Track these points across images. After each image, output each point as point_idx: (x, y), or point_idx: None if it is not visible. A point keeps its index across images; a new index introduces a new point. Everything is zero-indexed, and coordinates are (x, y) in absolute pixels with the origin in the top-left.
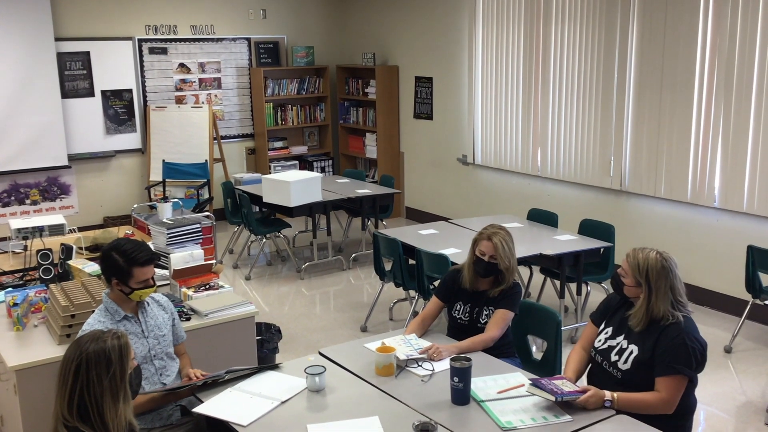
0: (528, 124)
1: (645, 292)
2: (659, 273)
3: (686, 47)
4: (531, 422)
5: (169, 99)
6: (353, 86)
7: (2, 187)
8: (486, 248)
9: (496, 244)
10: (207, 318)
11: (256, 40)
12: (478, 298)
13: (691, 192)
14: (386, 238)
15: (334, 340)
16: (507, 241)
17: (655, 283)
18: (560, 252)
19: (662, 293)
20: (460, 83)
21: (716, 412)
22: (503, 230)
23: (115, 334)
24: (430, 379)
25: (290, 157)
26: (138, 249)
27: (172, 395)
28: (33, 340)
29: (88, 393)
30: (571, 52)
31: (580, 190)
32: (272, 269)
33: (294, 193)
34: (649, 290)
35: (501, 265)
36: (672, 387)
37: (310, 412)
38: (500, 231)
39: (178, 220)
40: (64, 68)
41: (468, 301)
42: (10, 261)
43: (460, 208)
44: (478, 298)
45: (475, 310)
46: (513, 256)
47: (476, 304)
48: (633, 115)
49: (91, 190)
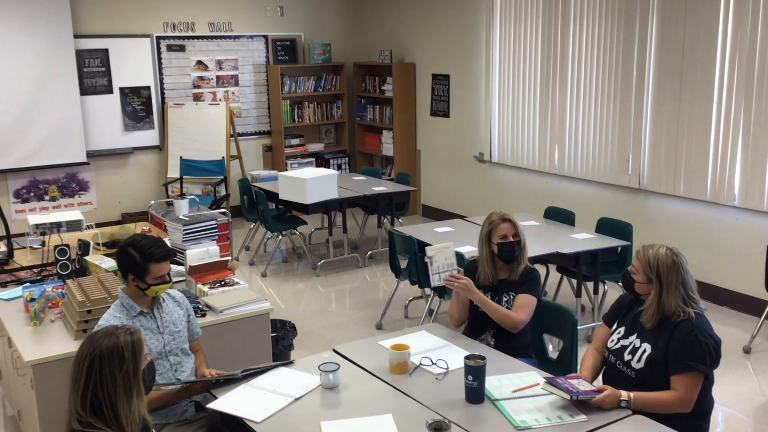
0: (545, 121)
1: (656, 287)
2: (670, 268)
3: (706, 43)
4: (546, 422)
5: (187, 96)
6: (370, 83)
7: (21, 183)
8: (507, 229)
9: (514, 222)
10: (222, 314)
11: (273, 38)
12: (498, 286)
13: (711, 190)
14: (402, 235)
15: (349, 337)
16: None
17: (666, 278)
18: (577, 251)
19: (673, 288)
20: (478, 81)
21: (734, 413)
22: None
23: (128, 330)
24: (444, 377)
25: (307, 155)
26: (154, 245)
27: (186, 391)
28: (50, 335)
29: (101, 389)
30: (589, 49)
31: (597, 188)
32: (288, 266)
33: (310, 190)
34: (660, 286)
35: (522, 240)
36: (688, 384)
37: (324, 409)
38: (505, 212)
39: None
40: (83, 65)
41: (487, 291)
42: (28, 256)
43: (476, 206)
44: (498, 287)
45: (495, 299)
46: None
47: (496, 292)
48: (652, 113)
49: (109, 186)
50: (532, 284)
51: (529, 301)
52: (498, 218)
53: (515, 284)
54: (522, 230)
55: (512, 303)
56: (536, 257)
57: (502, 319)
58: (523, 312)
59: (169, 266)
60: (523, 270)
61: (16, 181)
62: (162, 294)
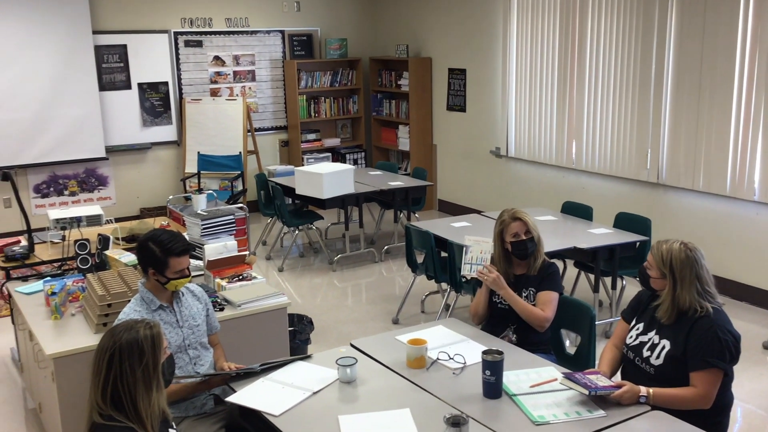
0: (563, 115)
1: (670, 282)
2: (683, 263)
3: (726, 37)
4: (564, 417)
5: (204, 91)
6: (386, 78)
7: (41, 178)
8: (518, 228)
9: (525, 220)
10: (240, 308)
11: (289, 33)
12: (516, 282)
13: (730, 185)
14: (418, 230)
15: (366, 332)
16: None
17: (680, 273)
18: (595, 246)
19: (687, 283)
20: (494, 75)
21: (754, 410)
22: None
23: (148, 324)
24: (461, 372)
25: (323, 150)
26: (174, 240)
27: (204, 384)
28: (70, 329)
29: (121, 383)
30: (607, 42)
31: (615, 183)
32: (305, 261)
33: (327, 185)
34: (674, 280)
35: (535, 236)
36: (707, 381)
37: (342, 403)
38: (516, 209)
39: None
40: (102, 61)
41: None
42: (48, 251)
43: (492, 201)
44: (516, 283)
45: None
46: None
47: (515, 288)
48: (671, 107)
49: (127, 181)
50: (552, 279)
51: (553, 297)
52: (509, 217)
53: (534, 280)
54: (534, 226)
55: (532, 298)
56: (553, 252)
57: (529, 317)
58: (548, 309)
59: (189, 260)
60: (542, 264)
61: (36, 176)
62: (181, 288)
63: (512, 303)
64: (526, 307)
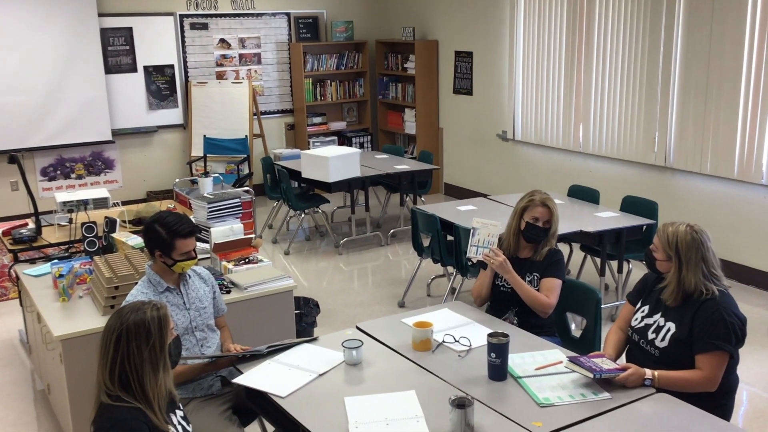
0: (570, 99)
1: (675, 264)
2: (689, 245)
3: (735, 19)
4: (569, 399)
5: (210, 74)
6: (392, 61)
7: (48, 162)
8: (541, 214)
9: (552, 210)
10: (246, 291)
11: (295, 15)
12: (521, 265)
13: (738, 168)
14: (424, 214)
15: (372, 315)
16: (556, 206)
17: (685, 255)
18: (601, 229)
19: (693, 265)
20: (501, 58)
21: (759, 393)
22: (549, 196)
23: (155, 306)
24: (467, 354)
25: (329, 133)
26: (180, 222)
27: (212, 365)
28: (78, 311)
29: (128, 363)
30: (615, 24)
31: (622, 167)
32: (311, 244)
33: (333, 168)
34: (680, 263)
35: (552, 229)
36: (713, 364)
37: (347, 385)
38: (549, 196)
39: (219, 195)
40: (107, 44)
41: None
42: (56, 233)
43: (499, 185)
44: (521, 265)
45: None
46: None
47: (519, 271)
48: (679, 90)
49: (134, 164)
50: (557, 266)
51: (556, 285)
52: (539, 200)
53: (539, 265)
54: (557, 220)
55: (536, 283)
56: (560, 236)
57: (534, 302)
58: (552, 295)
59: (195, 242)
60: (548, 251)
61: (42, 159)
62: (188, 271)
63: (517, 287)
64: (531, 292)
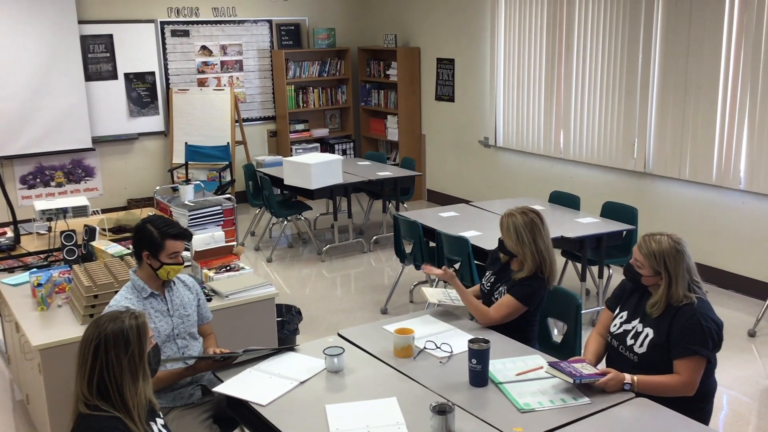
0: (550, 105)
1: (665, 280)
2: (676, 258)
3: (713, 26)
4: (549, 404)
5: (192, 81)
6: (375, 68)
7: (28, 169)
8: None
9: (501, 223)
10: (228, 299)
11: (277, 22)
12: (503, 273)
13: (716, 174)
14: (407, 220)
15: (355, 321)
16: (517, 224)
17: (674, 269)
18: (582, 235)
19: (681, 277)
20: (483, 65)
21: (739, 396)
22: (522, 212)
23: (133, 314)
24: (448, 360)
25: (311, 140)
26: (172, 224)
27: (190, 369)
28: (57, 320)
29: (107, 372)
30: (594, 32)
31: (602, 173)
32: (293, 251)
33: (315, 175)
34: (669, 278)
35: (507, 244)
36: (691, 368)
37: (329, 392)
38: (514, 213)
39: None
40: (88, 51)
41: (495, 273)
42: (34, 242)
43: (481, 191)
44: (503, 274)
45: (496, 284)
46: (526, 244)
47: (499, 278)
48: (657, 96)
49: (114, 172)
50: (523, 290)
51: (508, 302)
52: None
53: (510, 283)
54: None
55: (502, 295)
56: None
57: (473, 311)
58: (496, 310)
59: (183, 246)
60: (526, 276)
61: (22, 167)
62: (173, 278)
63: (461, 295)
64: (472, 301)
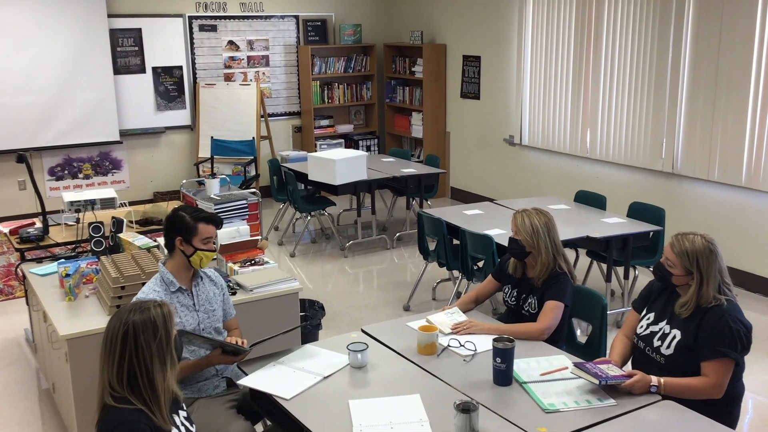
0: (577, 104)
1: (696, 279)
2: (709, 258)
3: (744, 25)
4: (574, 405)
5: (218, 76)
6: (400, 65)
7: (56, 161)
8: (512, 225)
9: (515, 219)
10: (252, 293)
11: (304, 18)
12: (525, 284)
13: (746, 176)
14: (431, 217)
15: (377, 318)
16: (533, 219)
17: (707, 270)
18: (608, 235)
19: (712, 278)
20: (509, 63)
21: (766, 401)
22: (537, 212)
23: (157, 304)
24: (472, 359)
25: (336, 136)
26: (202, 210)
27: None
28: (84, 311)
29: (137, 359)
30: (623, 30)
31: (630, 173)
32: (316, 247)
33: (339, 171)
34: (701, 278)
35: (522, 241)
36: (719, 371)
37: (352, 388)
38: (529, 210)
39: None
40: (116, 45)
41: (515, 286)
42: (63, 233)
43: (505, 189)
44: (525, 285)
45: (522, 296)
46: (541, 237)
47: (522, 290)
48: (687, 96)
49: (141, 165)
50: (555, 288)
51: (550, 306)
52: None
53: (539, 290)
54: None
55: (535, 306)
56: (566, 241)
57: (524, 337)
58: (544, 319)
59: (215, 232)
60: (549, 275)
61: (50, 159)
62: (200, 272)
63: (501, 332)
64: (517, 331)
